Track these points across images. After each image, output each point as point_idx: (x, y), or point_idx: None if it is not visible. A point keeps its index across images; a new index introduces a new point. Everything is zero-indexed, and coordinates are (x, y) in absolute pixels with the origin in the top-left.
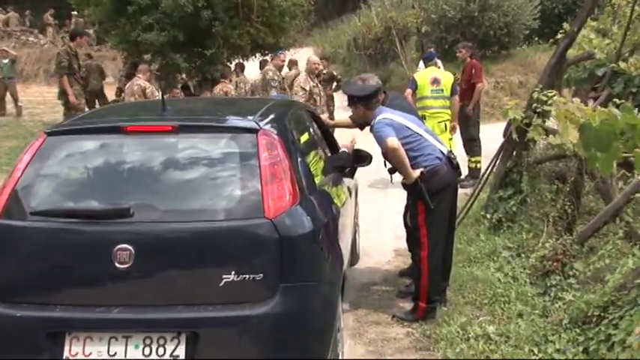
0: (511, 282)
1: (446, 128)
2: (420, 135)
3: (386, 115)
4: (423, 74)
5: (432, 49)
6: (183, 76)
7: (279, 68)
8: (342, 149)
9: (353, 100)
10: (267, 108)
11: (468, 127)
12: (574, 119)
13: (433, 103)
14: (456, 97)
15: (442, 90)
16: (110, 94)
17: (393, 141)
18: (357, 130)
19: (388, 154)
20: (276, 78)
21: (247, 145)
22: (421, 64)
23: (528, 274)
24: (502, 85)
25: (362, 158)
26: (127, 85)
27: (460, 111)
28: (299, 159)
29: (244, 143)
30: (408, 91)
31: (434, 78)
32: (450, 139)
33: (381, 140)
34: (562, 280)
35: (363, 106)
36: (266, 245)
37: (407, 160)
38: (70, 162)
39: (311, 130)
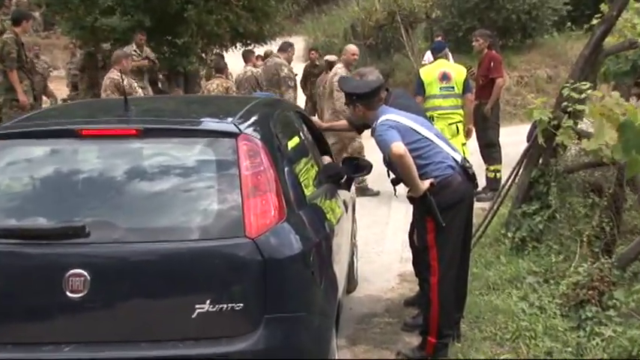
0: (538, 313)
1: (458, 131)
2: (430, 140)
3: (389, 116)
4: (430, 69)
5: (439, 38)
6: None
7: (290, 63)
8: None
9: (351, 99)
10: (249, 108)
11: (486, 130)
12: (612, 117)
13: (442, 103)
14: (470, 95)
15: (453, 87)
16: (59, 90)
17: (398, 146)
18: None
19: (392, 162)
20: (292, 76)
21: (225, 151)
22: (428, 55)
23: (558, 304)
24: (526, 80)
25: (360, 167)
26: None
27: (476, 111)
28: (286, 168)
29: (222, 150)
30: (419, 98)
31: (443, 73)
32: (464, 144)
33: (384, 145)
34: (599, 312)
35: (363, 106)
36: (247, 269)
37: (414, 169)
38: (13, 171)
39: (300, 134)
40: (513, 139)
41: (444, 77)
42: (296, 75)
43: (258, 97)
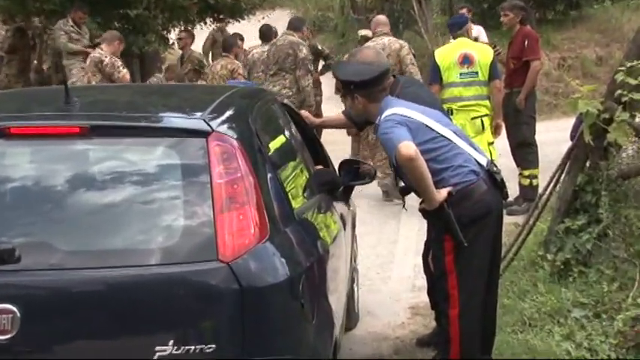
0: (587, 357)
1: (483, 128)
2: (448, 138)
3: (397, 109)
4: (448, 51)
5: (463, 11)
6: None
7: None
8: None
9: (348, 88)
10: (223, 100)
11: (519, 125)
12: None
13: (463, 92)
14: (499, 82)
15: (477, 72)
16: None
17: (407, 146)
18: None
19: (401, 167)
20: (311, 58)
21: (193, 154)
22: (479, 32)
23: (613, 344)
24: (570, 62)
25: (360, 174)
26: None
27: (506, 102)
28: (269, 174)
29: (189, 152)
30: (435, 88)
31: (464, 55)
32: (491, 143)
33: (389, 146)
34: None
35: (363, 97)
36: (220, 301)
37: (428, 175)
38: None
39: (287, 132)
40: (553, 137)
41: (465, 60)
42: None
43: (235, 86)
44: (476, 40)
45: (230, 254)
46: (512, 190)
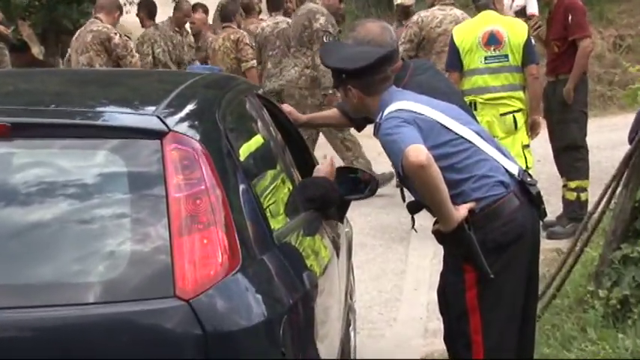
0: None
1: (516, 127)
2: (469, 141)
3: (404, 103)
4: (469, 28)
5: None
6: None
7: (335, 13)
8: (320, 171)
9: (339, 78)
10: (183, 92)
11: (566, 123)
12: None
13: (490, 81)
14: (536, 68)
15: (507, 55)
16: None
17: (418, 151)
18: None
19: (409, 177)
20: (331, 30)
21: (144, 160)
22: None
23: None
24: (629, 42)
25: (358, 185)
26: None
27: (549, 94)
28: (241, 186)
29: (138, 157)
30: (454, 76)
31: (489, 33)
32: (526, 146)
33: (395, 150)
34: None
35: (359, 89)
36: (178, 349)
37: (444, 188)
38: None
39: (265, 132)
40: (607, 139)
41: (492, 40)
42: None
43: (198, 73)
44: (521, 12)
45: (191, 289)
46: (554, 207)
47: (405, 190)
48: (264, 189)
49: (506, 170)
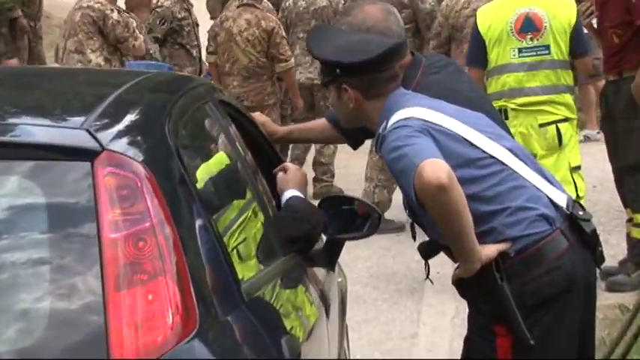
0: None
1: (561, 141)
2: (502, 162)
3: (415, 110)
4: (498, 9)
5: None
6: None
7: None
8: (293, 193)
9: (332, 73)
10: (121, 97)
11: (632, 136)
12: None
13: (525, 81)
14: (590, 60)
15: (547, 47)
16: None
17: (436, 167)
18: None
19: (425, 201)
20: None
21: (70, 189)
22: None
23: None
24: None
25: (354, 220)
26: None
27: (610, 96)
28: (199, 223)
29: (62, 185)
30: (476, 73)
31: (524, 16)
32: (576, 168)
33: (404, 169)
34: None
35: (356, 89)
36: None
37: (469, 220)
38: None
39: (231, 150)
40: None
41: (528, 25)
42: None
43: (140, 72)
44: None
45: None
46: (615, 249)
47: (416, 224)
48: (230, 226)
49: (551, 200)
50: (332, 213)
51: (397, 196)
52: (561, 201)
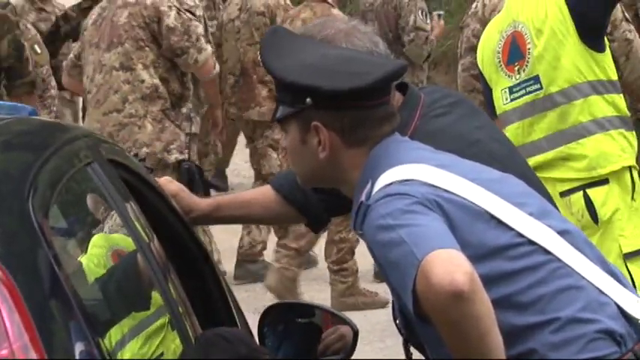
0: None
1: (595, 217)
2: (545, 249)
3: (415, 168)
4: (487, 31)
5: None
6: None
7: None
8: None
9: (298, 103)
10: None
11: None
12: None
13: (522, 135)
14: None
15: (535, 79)
16: None
17: (452, 263)
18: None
19: (433, 313)
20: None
21: None
22: None
23: None
24: None
25: (313, 338)
26: None
27: None
28: (79, 347)
29: None
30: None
31: (510, 40)
32: (632, 254)
33: (402, 261)
34: None
35: (337, 131)
36: None
37: (497, 336)
38: None
39: (128, 234)
40: None
41: (514, 52)
42: None
43: None
44: None
45: None
46: None
47: (410, 341)
48: (128, 349)
49: (621, 309)
50: (281, 330)
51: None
52: (637, 309)
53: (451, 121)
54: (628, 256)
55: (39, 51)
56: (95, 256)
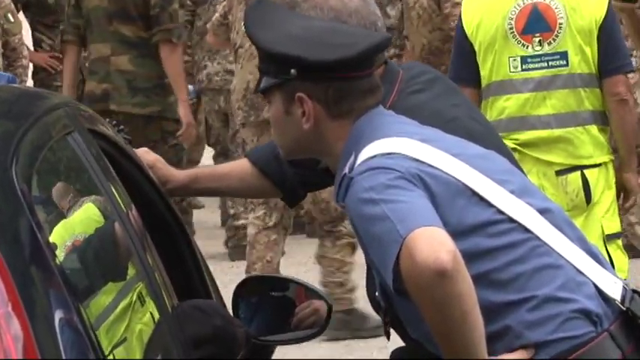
0: None
1: (589, 197)
2: (525, 227)
3: (400, 142)
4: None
5: None
6: None
7: None
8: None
9: (282, 73)
10: None
11: None
12: None
13: (530, 107)
14: (623, 82)
15: (563, 54)
16: None
17: (435, 241)
18: None
19: (414, 291)
20: None
21: None
22: None
23: None
24: None
25: (288, 313)
26: None
27: None
28: (59, 314)
29: None
30: (467, 90)
31: (530, 8)
32: (612, 236)
33: (385, 237)
34: None
35: (321, 102)
36: None
37: (478, 315)
38: None
39: (107, 204)
40: None
41: (535, 23)
42: None
43: None
44: None
45: None
46: None
47: (389, 320)
48: (106, 317)
49: (598, 289)
50: (255, 303)
51: None
52: (614, 290)
53: (428, 98)
54: (610, 238)
55: (12, 19)
56: (81, 225)
